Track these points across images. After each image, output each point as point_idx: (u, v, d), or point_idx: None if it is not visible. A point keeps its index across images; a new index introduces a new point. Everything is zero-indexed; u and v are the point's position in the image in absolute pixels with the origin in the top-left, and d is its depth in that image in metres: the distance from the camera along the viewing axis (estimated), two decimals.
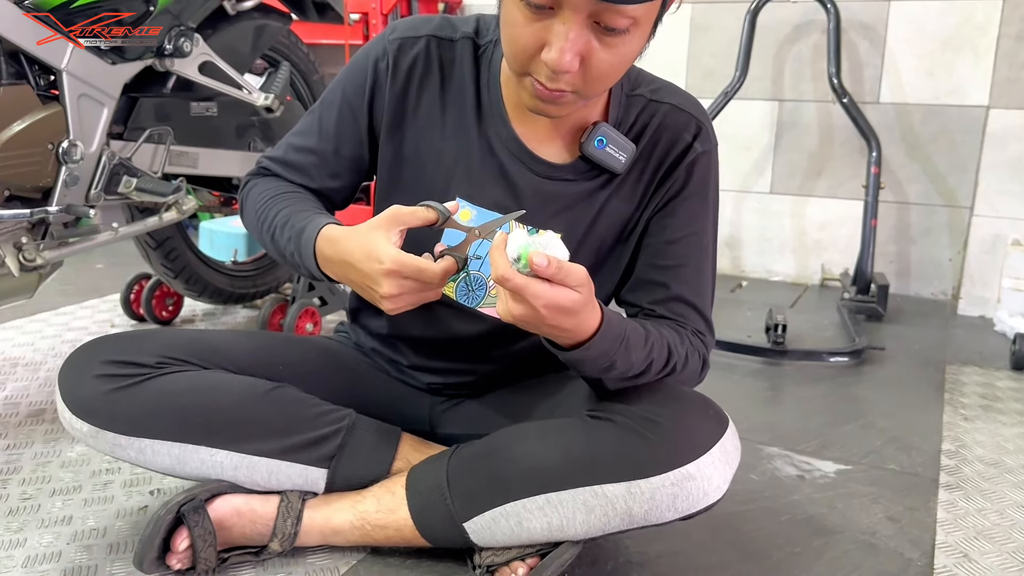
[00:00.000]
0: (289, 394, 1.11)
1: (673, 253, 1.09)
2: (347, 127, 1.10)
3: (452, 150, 1.07)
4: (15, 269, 1.44)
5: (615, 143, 1.04)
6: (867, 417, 1.72)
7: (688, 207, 1.08)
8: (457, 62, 1.07)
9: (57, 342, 1.97)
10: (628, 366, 0.97)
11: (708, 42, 2.86)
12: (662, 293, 1.09)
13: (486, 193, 1.06)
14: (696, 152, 1.07)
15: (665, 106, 1.08)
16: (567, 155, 1.07)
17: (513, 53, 0.92)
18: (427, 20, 1.09)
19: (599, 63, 0.89)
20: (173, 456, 1.06)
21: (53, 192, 1.46)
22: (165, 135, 1.67)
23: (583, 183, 1.07)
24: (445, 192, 1.07)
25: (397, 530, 1.08)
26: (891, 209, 2.69)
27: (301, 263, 1.02)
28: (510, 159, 1.06)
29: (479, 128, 1.07)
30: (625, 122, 1.07)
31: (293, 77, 2.06)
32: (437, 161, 1.08)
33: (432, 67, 1.07)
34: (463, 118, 1.07)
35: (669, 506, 0.97)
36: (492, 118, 1.06)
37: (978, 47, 2.52)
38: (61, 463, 1.37)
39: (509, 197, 1.07)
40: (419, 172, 1.09)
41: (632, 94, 1.08)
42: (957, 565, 1.17)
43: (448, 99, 1.07)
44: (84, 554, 1.12)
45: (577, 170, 1.07)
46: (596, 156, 1.04)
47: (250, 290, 2.15)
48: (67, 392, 1.07)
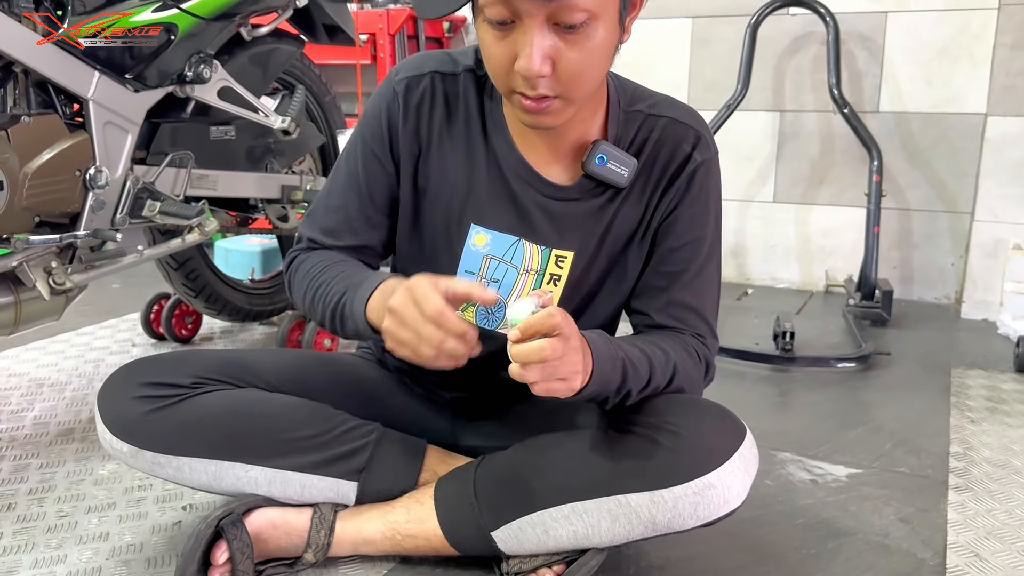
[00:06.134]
0: (319, 410, 1.16)
1: (675, 259, 1.12)
2: (375, 175, 1.13)
3: (464, 178, 1.11)
4: (46, 293, 1.48)
5: (616, 159, 1.08)
6: (876, 421, 1.75)
7: (689, 215, 1.12)
8: (461, 94, 1.11)
9: (80, 362, 2.01)
10: (639, 380, 1.01)
11: (709, 55, 2.91)
12: (663, 298, 1.13)
13: (499, 217, 1.10)
14: (696, 162, 1.11)
15: (664, 119, 1.11)
16: (571, 175, 1.11)
17: (494, 73, 0.97)
18: (429, 56, 1.13)
19: (569, 62, 0.92)
20: (210, 473, 1.10)
21: (80, 217, 1.50)
22: (187, 159, 1.71)
23: (590, 200, 1.11)
24: (460, 219, 1.11)
25: (426, 539, 1.11)
26: (893, 215, 2.73)
27: (350, 310, 1.04)
28: (518, 182, 1.10)
29: (487, 155, 1.11)
30: (625, 138, 1.11)
31: (306, 99, 2.10)
32: (451, 191, 1.12)
33: (437, 101, 1.11)
34: (471, 147, 1.11)
35: (691, 514, 1.01)
36: (498, 144, 1.10)
37: (975, 56, 2.57)
38: (94, 481, 1.41)
39: (520, 219, 1.11)
40: (435, 203, 1.13)
41: (630, 110, 1.11)
42: (969, 564, 1.21)
43: (455, 130, 1.11)
44: (123, 569, 1.15)
45: (583, 189, 1.11)
46: (599, 173, 1.08)
47: (267, 307, 2.19)
48: (107, 414, 1.11)
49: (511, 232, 1.08)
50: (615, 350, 0.98)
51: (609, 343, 0.98)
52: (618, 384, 0.98)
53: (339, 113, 2.23)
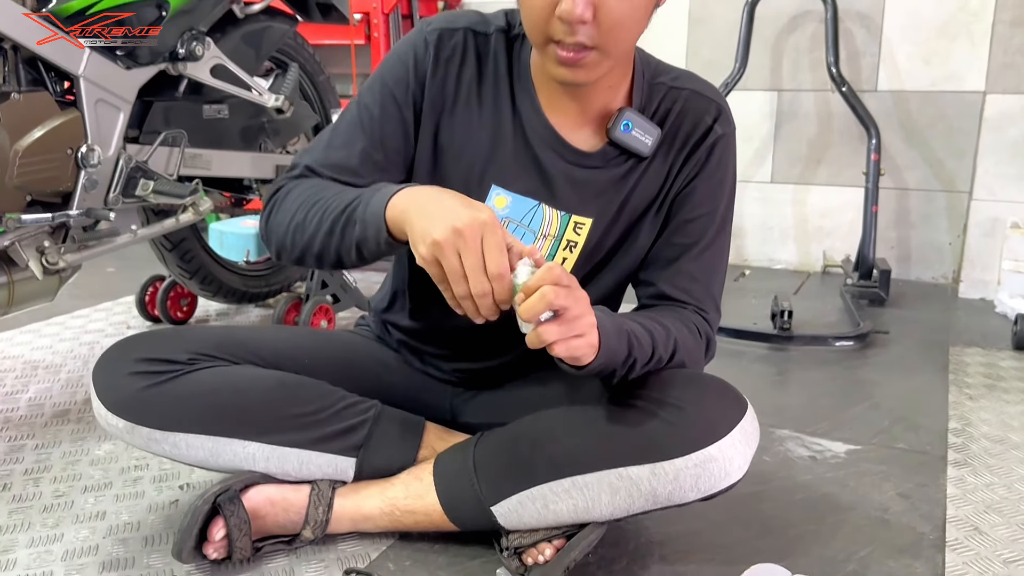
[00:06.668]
0: (317, 387, 1.14)
1: (687, 230, 1.12)
2: (391, 119, 1.09)
3: (488, 139, 1.10)
4: (39, 272, 1.46)
5: (640, 127, 1.08)
6: (874, 399, 1.75)
7: (706, 187, 1.12)
8: (492, 55, 1.10)
9: (75, 344, 2.00)
10: (643, 353, 1.00)
11: (706, 34, 2.89)
12: (672, 268, 1.12)
13: (520, 181, 1.09)
14: (716, 134, 1.11)
15: (686, 91, 1.12)
16: (596, 142, 1.10)
17: (532, 21, 0.95)
18: (462, 14, 1.11)
19: (611, 10, 0.92)
20: (207, 449, 1.09)
21: (73, 196, 1.49)
22: (180, 138, 1.69)
23: (612, 169, 1.10)
24: (481, 180, 1.10)
25: (426, 515, 1.11)
26: (891, 195, 2.72)
27: (363, 212, 0.96)
28: (542, 146, 1.09)
29: (513, 118, 1.10)
30: (648, 108, 1.11)
31: (300, 78, 2.08)
32: (474, 150, 1.10)
33: (469, 57, 1.09)
34: (498, 108, 1.10)
35: (692, 486, 1.00)
36: (525, 108, 1.09)
37: (973, 34, 2.55)
38: (90, 461, 1.40)
39: (542, 183, 1.10)
40: (456, 160, 1.11)
41: (654, 82, 1.12)
42: (968, 538, 1.21)
43: (484, 90, 1.10)
44: (120, 547, 1.15)
45: (606, 156, 1.10)
46: (623, 140, 1.08)
47: (263, 289, 2.18)
48: (102, 390, 1.10)
49: (532, 196, 1.08)
50: (620, 322, 0.97)
51: (612, 316, 0.98)
52: (624, 356, 0.97)
53: (333, 93, 2.22)
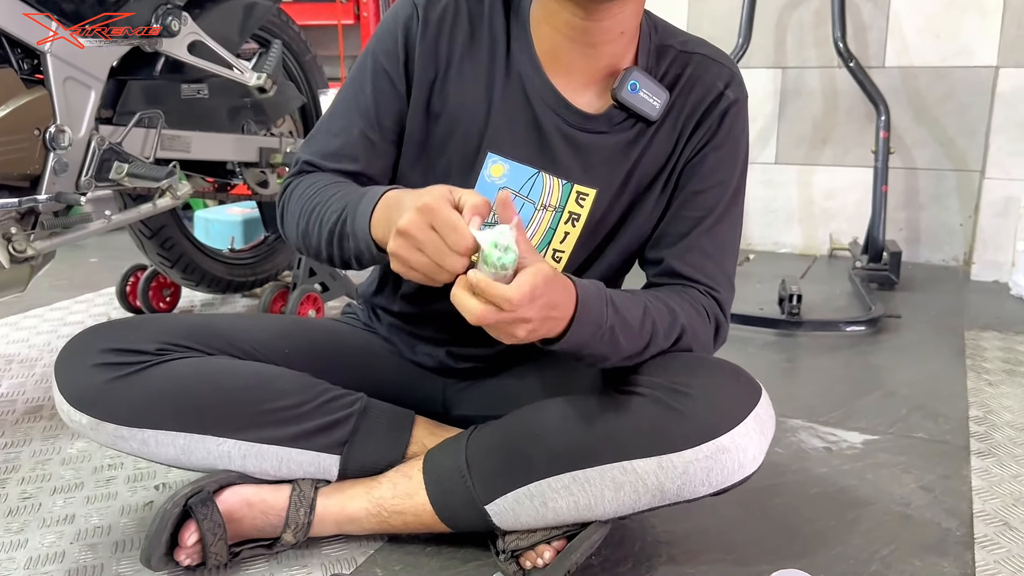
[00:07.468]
0: (298, 379, 1.06)
1: (698, 203, 1.05)
2: (385, 95, 1.03)
3: (483, 103, 1.02)
4: (5, 261, 1.38)
5: (648, 88, 1.01)
6: (889, 386, 1.67)
7: (717, 157, 1.04)
8: (486, 14, 1.02)
9: (53, 337, 1.92)
10: (630, 332, 0.92)
11: (707, 8, 2.80)
12: (683, 244, 1.05)
13: (519, 146, 1.02)
14: (728, 100, 1.04)
15: (697, 56, 1.05)
16: (601, 104, 1.02)
17: None
18: None
19: None
20: (178, 447, 1.01)
21: (42, 180, 1.41)
22: (156, 118, 1.61)
23: (618, 135, 1.03)
24: (477, 147, 1.02)
25: (415, 516, 1.03)
26: (899, 175, 2.64)
27: (351, 227, 0.93)
28: (542, 107, 1.02)
29: (510, 78, 1.02)
30: (656, 72, 1.04)
31: (285, 57, 1.99)
32: (469, 116, 1.03)
33: (461, 19, 1.02)
34: (493, 69, 1.02)
35: (703, 480, 0.93)
36: (524, 67, 1.02)
37: (984, 6, 2.46)
38: (61, 460, 1.32)
39: (541, 149, 1.02)
40: (449, 129, 1.03)
41: (662, 44, 1.04)
42: (999, 534, 1.13)
43: (477, 52, 1.02)
44: (89, 553, 1.07)
45: (611, 120, 1.02)
46: (629, 101, 1.00)
47: (249, 278, 2.09)
48: (64, 383, 1.02)
49: (531, 163, 1.01)
50: (604, 295, 0.89)
51: (600, 288, 0.90)
52: (603, 332, 0.88)
53: (320, 73, 2.13)
